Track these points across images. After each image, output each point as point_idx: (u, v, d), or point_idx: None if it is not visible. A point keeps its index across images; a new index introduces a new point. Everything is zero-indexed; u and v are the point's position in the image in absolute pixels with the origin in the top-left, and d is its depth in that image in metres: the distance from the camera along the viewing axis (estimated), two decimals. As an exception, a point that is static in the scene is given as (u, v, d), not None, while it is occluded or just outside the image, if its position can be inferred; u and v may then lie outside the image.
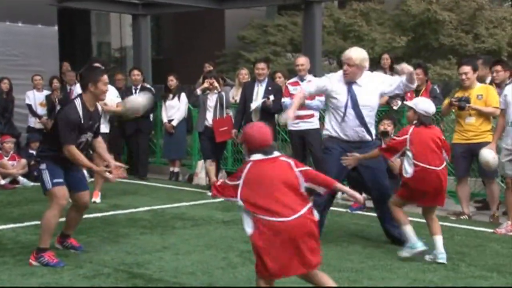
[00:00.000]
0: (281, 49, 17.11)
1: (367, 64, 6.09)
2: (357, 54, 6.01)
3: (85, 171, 10.35)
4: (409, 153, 5.55)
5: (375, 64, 10.10)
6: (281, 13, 18.74)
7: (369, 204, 8.16)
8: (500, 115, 6.86)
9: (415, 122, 5.61)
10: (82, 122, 5.43)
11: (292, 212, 3.91)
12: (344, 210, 8.01)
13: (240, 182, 4.02)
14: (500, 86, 7.62)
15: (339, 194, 9.01)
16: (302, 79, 8.74)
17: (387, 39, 15.94)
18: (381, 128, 7.95)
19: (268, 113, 8.91)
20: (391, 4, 17.86)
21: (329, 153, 6.20)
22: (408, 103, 5.75)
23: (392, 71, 9.79)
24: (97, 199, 8.40)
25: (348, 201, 8.49)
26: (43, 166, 5.50)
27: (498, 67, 7.76)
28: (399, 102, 8.52)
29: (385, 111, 8.62)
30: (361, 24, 16.82)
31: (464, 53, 15.45)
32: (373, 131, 6.23)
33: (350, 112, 6.01)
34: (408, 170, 5.55)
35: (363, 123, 6.04)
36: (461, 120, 7.50)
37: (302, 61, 8.84)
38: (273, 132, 8.96)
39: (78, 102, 5.50)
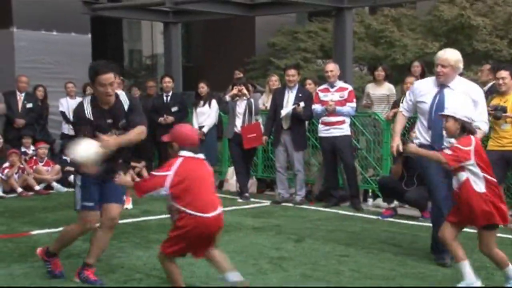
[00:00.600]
0: (312, 56, 17.09)
1: (461, 65, 5.79)
2: (452, 54, 5.73)
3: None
4: (473, 167, 4.79)
5: (406, 70, 10.07)
6: (312, 20, 18.73)
7: (401, 211, 8.16)
8: None
9: (458, 133, 4.87)
10: (92, 119, 5.02)
11: (213, 209, 4.58)
12: (375, 217, 7.98)
13: (170, 173, 4.45)
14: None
15: (370, 202, 9.01)
16: (332, 86, 8.75)
17: (419, 45, 15.82)
18: (413, 135, 7.88)
19: (299, 119, 8.94)
20: (423, 9, 17.71)
21: (426, 166, 5.67)
22: (446, 112, 5.01)
23: (423, 77, 9.74)
24: (129, 205, 8.49)
25: (379, 208, 8.47)
26: (77, 180, 5.20)
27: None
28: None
29: (416, 118, 8.54)
30: (392, 30, 16.72)
31: (498, 58, 15.26)
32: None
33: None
34: (480, 185, 4.80)
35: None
36: (497, 126, 7.38)
37: (332, 67, 8.83)
38: (304, 138, 9.11)
39: (86, 100, 5.19)
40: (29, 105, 11.02)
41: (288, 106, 8.91)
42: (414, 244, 6.34)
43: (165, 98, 11.01)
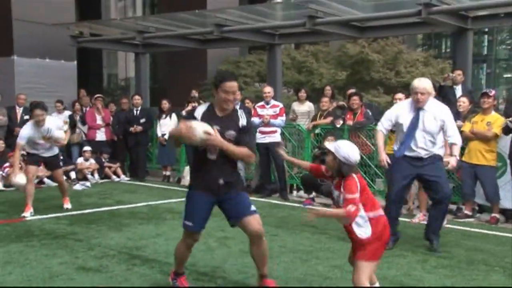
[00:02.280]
0: (250, 80, 17.11)
1: (432, 91, 5.45)
2: (428, 83, 5.32)
3: (96, 175, 10.32)
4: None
5: (321, 92, 10.17)
6: (251, 52, 18.78)
7: (318, 200, 8.22)
8: None
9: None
10: (199, 119, 3.91)
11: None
12: (298, 205, 8.00)
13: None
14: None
15: (294, 193, 9.04)
16: (267, 103, 8.75)
17: (332, 74, 16.05)
18: (326, 143, 7.94)
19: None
20: (334, 47, 18.01)
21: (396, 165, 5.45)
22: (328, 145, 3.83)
23: (333, 98, 9.87)
24: (67, 205, 7.52)
25: (302, 198, 8.50)
26: (187, 197, 4.06)
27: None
28: (341, 121, 8.56)
29: (328, 129, 8.65)
30: (312, 61, 16.91)
31: (388, 85, 15.67)
32: (433, 151, 5.36)
33: (412, 133, 5.33)
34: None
35: (422, 144, 5.31)
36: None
37: (268, 89, 8.87)
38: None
39: (206, 104, 4.08)
40: (26, 117, 10.56)
41: (232, 119, 8.85)
42: (327, 225, 6.37)
43: (135, 112, 10.80)
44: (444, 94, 8.00)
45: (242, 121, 3.97)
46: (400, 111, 5.49)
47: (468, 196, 7.10)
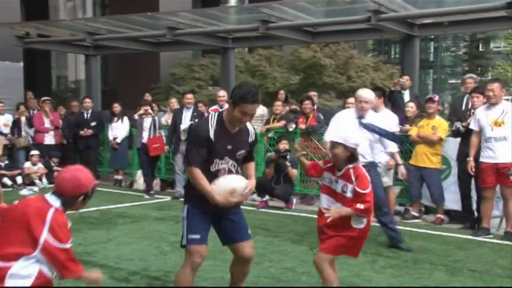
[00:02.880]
0: (204, 83, 17.08)
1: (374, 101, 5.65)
2: (368, 94, 5.51)
3: (44, 180, 10.04)
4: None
5: (275, 96, 10.27)
6: (204, 56, 18.74)
7: (271, 203, 8.28)
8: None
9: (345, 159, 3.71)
10: (214, 141, 3.46)
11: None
12: (252, 208, 8.04)
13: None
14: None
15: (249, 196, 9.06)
16: (221, 107, 8.76)
17: (285, 77, 16.24)
18: (281, 146, 8.03)
19: (193, 133, 8.88)
20: (287, 51, 18.22)
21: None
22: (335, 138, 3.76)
23: (286, 103, 9.99)
24: None
25: (255, 201, 8.55)
26: (184, 212, 3.61)
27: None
28: (294, 125, 8.66)
29: (282, 133, 8.74)
30: (265, 65, 17.05)
31: (340, 89, 16.00)
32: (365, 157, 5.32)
33: None
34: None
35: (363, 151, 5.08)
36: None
37: (222, 93, 8.91)
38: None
39: (213, 116, 3.56)
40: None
41: (185, 122, 8.83)
42: (279, 229, 6.44)
43: (85, 115, 10.58)
44: (393, 99, 8.24)
45: (252, 137, 3.69)
46: (344, 122, 5.53)
47: (415, 198, 7.34)
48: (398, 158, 5.62)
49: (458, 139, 7.00)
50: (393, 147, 5.85)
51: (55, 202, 2.84)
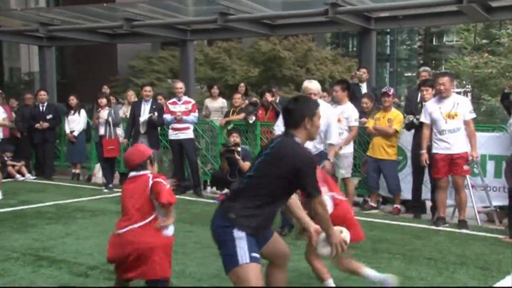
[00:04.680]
0: (163, 76, 16.90)
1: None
2: (317, 85, 5.68)
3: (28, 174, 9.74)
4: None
5: (235, 89, 10.26)
6: (163, 48, 18.52)
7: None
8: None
9: None
10: None
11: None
12: (212, 201, 8.02)
13: None
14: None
15: (208, 189, 9.05)
16: (179, 100, 8.67)
17: (244, 70, 16.27)
18: (231, 140, 7.98)
19: (153, 125, 8.77)
20: (247, 43, 18.22)
21: None
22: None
23: (246, 95, 10.00)
24: None
25: (215, 194, 8.54)
26: (239, 233, 3.05)
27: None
28: (254, 117, 8.66)
29: (240, 125, 8.73)
30: (224, 58, 17.03)
31: (300, 82, 16.11)
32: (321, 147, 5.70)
33: None
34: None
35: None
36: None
37: (180, 85, 8.76)
38: (157, 140, 8.94)
39: (298, 140, 3.18)
40: None
41: (145, 115, 8.70)
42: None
43: (41, 108, 10.29)
44: (351, 91, 8.35)
45: None
46: None
47: (373, 189, 7.49)
48: (331, 151, 5.76)
49: (413, 131, 7.17)
50: (334, 139, 5.91)
51: (140, 172, 3.66)
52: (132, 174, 3.69)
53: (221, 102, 9.77)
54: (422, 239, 5.78)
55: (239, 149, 7.59)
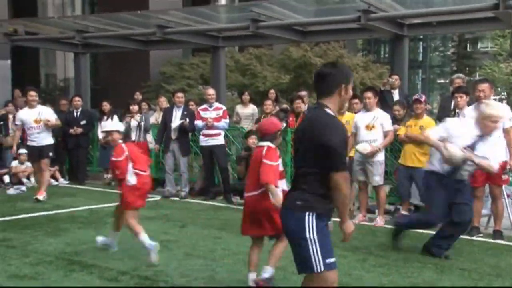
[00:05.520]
0: (194, 82, 17.04)
1: None
2: None
3: (32, 179, 9.96)
4: None
5: (265, 95, 10.25)
6: (194, 54, 18.69)
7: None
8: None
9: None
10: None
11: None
12: (242, 207, 8.01)
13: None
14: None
15: (237, 196, 9.04)
16: (210, 106, 8.72)
17: (275, 77, 16.25)
18: (250, 141, 8.08)
19: (184, 131, 8.84)
20: (278, 50, 18.22)
21: None
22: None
23: (277, 102, 9.98)
24: (41, 197, 8.09)
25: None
26: (312, 233, 2.94)
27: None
28: (284, 124, 8.58)
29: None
30: (255, 64, 17.05)
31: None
32: None
33: None
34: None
35: None
36: None
37: (211, 92, 8.84)
38: (188, 146, 9.00)
39: (329, 111, 3.01)
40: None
41: (176, 121, 8.79)
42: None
43: (75, 113, 10.51)
44: (383, 98, 8.25)
45: None
46: None
47: (404, 197, 7.36)
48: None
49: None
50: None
51: (265, 143, 4.20)
52: (260, 143, 4.29)
53: (251, 108, 9.78)
54: (454, 249, 5.64)
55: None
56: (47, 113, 8.62)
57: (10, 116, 10.66)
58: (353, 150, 7.12)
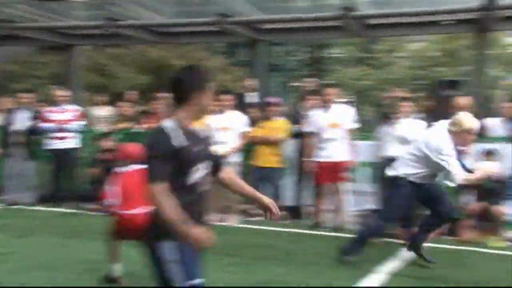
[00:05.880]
0: (44, 82, 15.98)
1: None
2: None
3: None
4: None
5: (122, 97, 9.92)
6: (46, 52, 17.53)
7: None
8: None
9: None
10: (185, 146, 2.55)
11: None
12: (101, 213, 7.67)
13: None
14: None
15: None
16: (61, 108, 8.25)
17: (133, 77, 15.88)
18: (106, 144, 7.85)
19: (31, 134, 8.31)
20: (136, 50, 17.84)
21: None
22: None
23: (135, 103, 9.70)
24: None
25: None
26: (166, 248, 2.56)
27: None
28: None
29: (129, 133, 8.46)
30: (113, 64, 16.51)
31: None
32: None
33: None
34: None
35: None
36: None
37: (61, 93, 8.41)
38: (34, 150, 8.39)
39: (169, 122, 2.59)
40: None
41: (21, 123, 8.19)
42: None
43: None
44: (240, 101, 8.45)
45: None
46: None
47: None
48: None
49: (299, 139, 7.41)
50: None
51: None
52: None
53: (107, 110, 9.43)
54: (299, 243, 5.97)
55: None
56: None
57: None
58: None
